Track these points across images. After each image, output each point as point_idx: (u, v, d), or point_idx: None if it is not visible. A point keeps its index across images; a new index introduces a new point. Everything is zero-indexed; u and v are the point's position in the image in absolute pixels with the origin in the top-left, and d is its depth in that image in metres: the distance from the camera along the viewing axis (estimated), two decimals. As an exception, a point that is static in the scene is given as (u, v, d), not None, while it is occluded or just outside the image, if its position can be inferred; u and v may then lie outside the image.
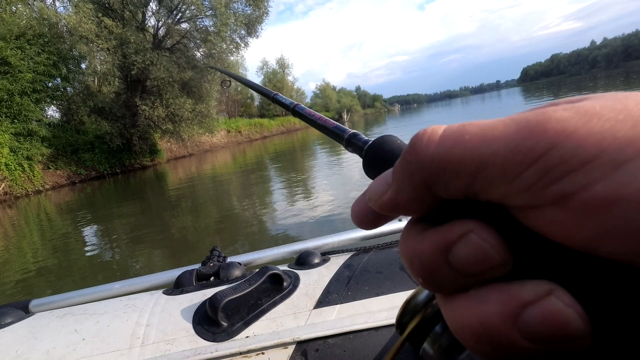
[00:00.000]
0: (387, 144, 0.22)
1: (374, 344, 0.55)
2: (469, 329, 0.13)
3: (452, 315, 0.14)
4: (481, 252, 0.13)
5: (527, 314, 0.12)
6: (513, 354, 0.12)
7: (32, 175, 11.54)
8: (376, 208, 0.17)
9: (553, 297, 0.12)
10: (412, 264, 0.15)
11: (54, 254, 4.64)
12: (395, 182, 0.15)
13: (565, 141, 0.11)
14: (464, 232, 0.13)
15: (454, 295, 0.14)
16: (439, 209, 0.15)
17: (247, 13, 15.65)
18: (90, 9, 13.03)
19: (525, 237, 0.13)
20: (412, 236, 0.15)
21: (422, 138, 0.14)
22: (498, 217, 0.13)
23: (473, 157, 0.13)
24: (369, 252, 0.71)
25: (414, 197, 0.15)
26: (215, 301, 0.56)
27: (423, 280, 0.15)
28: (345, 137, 0.26)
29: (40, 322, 0.62)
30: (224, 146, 22.04)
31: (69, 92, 14.44)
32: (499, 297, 0.12)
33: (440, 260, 0.14)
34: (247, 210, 5.75)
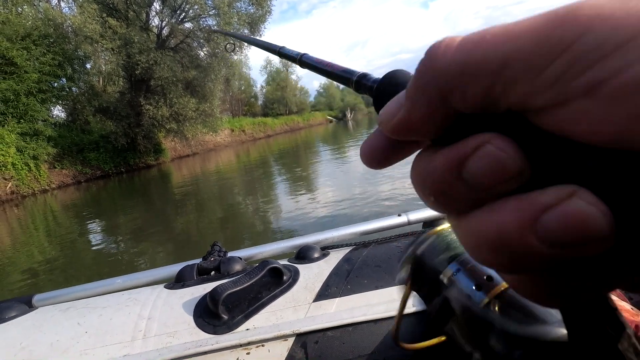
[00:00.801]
0: (398, 77, 0.21)
1: (373, 336, 0.55)
2: (484, 240, 0.12)
3: (465, 232, 0.13)
4: (497, 162, 0.12)
5: (547, 217, 0.11)
6: (531, 263, 0.12)
7: (39, 175, 11.64)
8: (388, 131, 0.16)
9: (575, 198, 0.11)
10: (424, 183, 0.14)
11: (61, 252, 4.68)
12: (408, 98, 0.14)
13: (599, 25, 0.11)
14: (479, 144, 0.13)
15: (468, 213, 0.13)
16: (454, 128, 0.14)
17: (250, 12, 15.67)
18: (94, 10, 13.10)
19: (545, 142, 0.12)
20: (423, 157, 0.15)
21: (438, 46, 0.13)
22: (516, 126, 0.13)
23: (495, 56, 0.12)
24: (368, 246, 0.71)
25: (428, 112, 0.14)
26: (216, 294, 0.57)
27: (435, 200, 0.14)
28: (354, 79, 0.25)
29: (43, 316, 0.63)
30: (228, 145, 22.10)
31: (74, 92, 14.55)
32: (516, 205, 0.12)
33: (453, 176, 0.13)
34: (250, 208, 5.77)
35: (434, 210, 0.15)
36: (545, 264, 0.12)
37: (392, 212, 0.86)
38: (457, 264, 0.32)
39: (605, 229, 0.11)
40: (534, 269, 0.12)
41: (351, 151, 10.86)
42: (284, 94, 38.74)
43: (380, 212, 4.06)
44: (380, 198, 4.71)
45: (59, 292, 0.74)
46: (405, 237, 0.72)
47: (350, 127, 27.73)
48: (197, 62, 14.99)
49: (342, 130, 26.39)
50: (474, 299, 0.30)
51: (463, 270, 0.31)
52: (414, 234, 0.73)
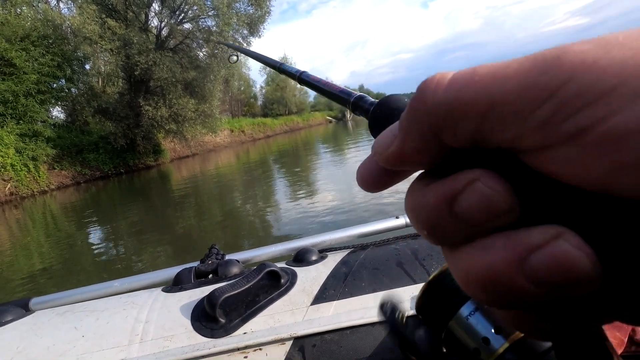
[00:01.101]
0: (392, 103, 0.21)
1: (371, 340, 0.55)
2: (474, 277, 0.13)
3: (457, 266, 0.14)
4: (487, 199, 0.12)
5: (534, 258, 0.11)
6: (520, 300, 0.12)
7: (38, 176, 11.62)
8: (382, 162, 0.16)
9: (561, 240, 0.11)
10: (417, 216, 0.15)
11: (60, 253, 4.68)
12: (401, 131, 0.15)
13: (583, 73, 0.11)
14: (470, 181, 0.13)
15: (459, 246, 0.14)
16: (446, 161, 0.14)
17: (249, 13, 15.65)
18: (93, 10, 13.08)
19: (534, 181, 0.12)
20: (417, 190, 0.15)
21: (430, 84, 0.14)
22: (506, 163, 0.13)
23: (484, 97, 0.12)
24: (366, 249, 0.71)
25: (421, 146, 0.14)
26: (214, 298, 0.57)
27: (428, 233, 0.14)
28: (352, 101, 0.26)
29: (40, 320, 0.63)
30: (228, 146, 22.07)
31: (74, 92, 14.53)
32: (504, 243, 0.12)
33: (445, 211, 0.13)
34: (249, 209, 5.76)
35: (429, 242, 0.15)
36: (533, 302, 0.12)
37: (390, 214, 0.86)
38: (473, 304, 0.30)
39: (591, 272, 0.11)
40: (523, 306, 0.12)
41: (350, 152, 10.86)
42: (283, 94, 38.70)
43: (378, 214, 4.06)
44: (378, 199, 4.71)
45: (56, 295, 0.74)
46: (404, 239, 0.72)
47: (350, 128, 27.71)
48: (197, 63, 14.97)
49: (341, 130, 26.39)
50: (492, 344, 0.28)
51: (481, 311, 0.30)
52: (412, 236, 0.73)
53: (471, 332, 0.30)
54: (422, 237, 0.15)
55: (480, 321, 0.29)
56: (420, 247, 0.67)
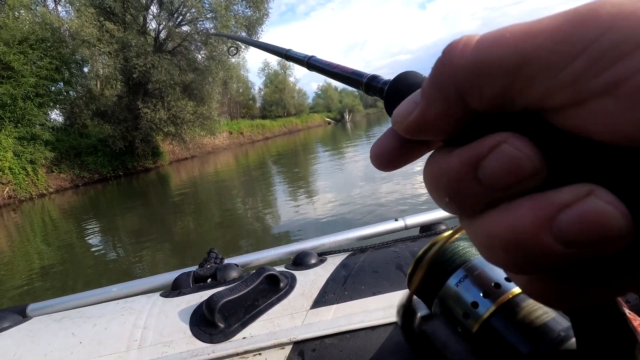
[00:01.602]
0: (409, 78, 0.20)
1: (371, 343, 0.55)
2: (498, 241, 0.12)
3: (478, 232, 0.13)
4: (514, 162, 0.12)
5: (563, 216, 0.11)
6: (545, 262, 0.12)
7: (36, 179, 11.61)
8: (402, 130, 0.15)
9: (593, 197, 0.11)
10: (438, 183, 0.14)
11: (58, 257, 4.66)
12: (424, 97, 0.14)
13: (620, 24, 0.10)
14: (496, 144, 0.12)
15: (481, 213, 0.13)
16: (469, 128, 0.14)
17: (248, 15, 15.69)
18: (92, 13, 13.11)
19: (561, 141, 0.12)
20: (438, 157, 0.15)
21: (456, 45, 0.13)
22: (532, 126, 0.13)
23: (514, 54, 0.12)
24: (365, 251, 0.71)
25: (445, 111, 0.14)
26: (212, 302, 0.56)
27: (449, 200, 0.14)
28: (364, 82, 0.25)
29: (37, 326, 0.62)
30: (226, 148, 22.08)
31: (72, 95, 14.52)
32: (531, 204, 0.12)
33: (469, 175, 0.13)
34: (248, 212, 5.76)
35: (447, 211, 0.15)
36: (559, 264, 0.12)
37: (390, 217, 0.86)
38: (463, 271, 0.31)
39: (623, 228, 0.11)
40: (547, 269, 0.12)
41: (349, 153, 10.87)
42: (282, 96, 38.77)
43: (377, 217, 4.06)
44: (377, 202, 4.71)
45: (54, 301, 0.74)
46: (403, 242, 0.72)
47: (349, 129, 27.77)
48: (195, 65, 15.00)
49: (340, 131, 26.43)
50: (480, 308, 0.29)
51: (470, 278, 0.30)
52: (412, 239, 0.73)
53: (460, 299, 0.30)
54: (441, 206, 0.15)
55: (469, 288, 0.30)
56: (420, 250, 0.66)
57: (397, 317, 0.35)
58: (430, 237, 0.71)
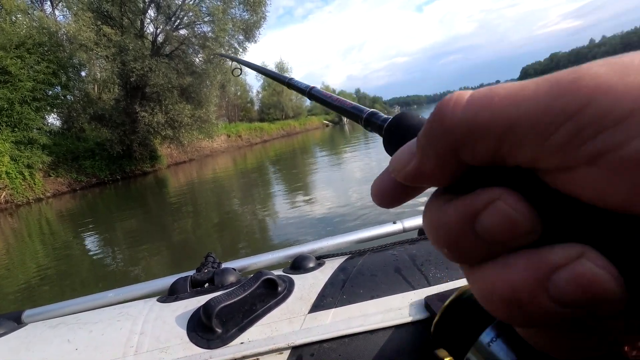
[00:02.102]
0: (407, 120, 0.21)
1: (370, 348, 0.54)
2: (498, 297, 0.13)
3: (479, 284, 0.14)
4: (508, 219, 0.12)
5: (557, 278, 0.11)
6: (543, 319, 0.12)
7: (33, 183, 11.56)
8: (400, 178, 0.16)
9: (584, 260, 0.11)
10: (437, 234, 0.15)
11: (56, 262, 4.64)
12: (420, 150, 0.15)
13: (599, 98, 0.11)
14: (491, 200, 0.13)
15: (481, 264, 0.14)
16: (465, 178, 0.14)
17: (245, 18, 15.71)
18: (89, 18, 13.09)
19: (555, 200, 0.12)
20: (436, 207, 0.15)
21: (448, 104, 0.14)
22: (526, 182, 0.13)
23: (501, 119, 0.12)
24: (363, 255, 0.70)
25: (439, 164, 0.14)
26: (210, 307, 0.56)
27: (448, 251, 0.14)
28: (364, 117, 0.26)
29: (32, 333, 0.62)
30: (225, 151, 22.06)
31: (69, 99, 14.49)
32: (527, 262, 0.12)
33: (466, 229, 0.13)
34: (246, 215, 5.75)
35: (449, 260, 0.15)
36: (557, 321, 0.12)
37: (388, 219, 0.85)
38: (493, 331, 0.28)
39: (615, 292, 0.11)
40: (545, 325, 0.12)
41: (347, 156, 10.87)
42: (280, 98, 38.80)
43: (375, 219, 4.06)
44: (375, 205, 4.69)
45: (50, 307, 0.73)
46: (401, 244, 0.72)
47: (347, 131, 27.80)
48: (192, 69, 15.00)
49: (338, 134, 26.46)
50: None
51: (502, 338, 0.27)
52: (410, 242, 0.73)
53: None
54: (443, 254, 0.15)
55: (503, 349, 0.27)
56: (418, 253, 0.66)
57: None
58: (429, 240, 0.71)
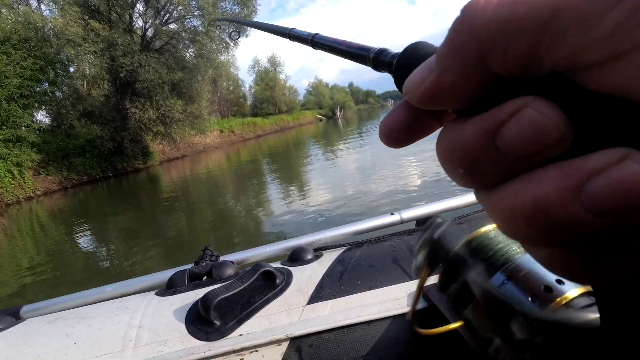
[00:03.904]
0: (421, 49, 0.19)
1: (368, 337, 0.55)
2: (520, 213, 0.11)
3: (497, 205, 0.12)
4: (536, 126, 0.11)
5: (594, 184, 0.10)
6: (572, 234, 0.11)
7: (23, 182, 11.38)
8: (415, 99, 0.14)
9: (629, 161, 0.10)
10: (452, 155, 0.13)
11: (48, 260, 4.59)
12: (440, 61, 0.13)
13: None
14: (517, 109, 0.11)
15: (499, 185, 0.12)
16: (488, 94, 0.13)
17: (236, 12, 15.54)
18: (76, 12, 12.84)
19: (592, 103, 0.11)
20: (452, 127, 0.14)
21: (477, 1, 0.12)
22: (559, 88, 0.11)
23: (543, 8, 0.11)
24: (361, 246, 0.71)
25: (463, 75, 0.13)
26: (208, 300, 0.56)
27: (464, 172, 0.13)
28: (372, 56, 0.23)
29: (31, 328, 0.61)
30: (218, 146, 21.90)
31: (58, 96, 14.23)
32: (557, 172, 0.11)
33: (486, 144, 0.12)
34: (242, 210, 5.73)
35: (462, 185, 0.14)
36: (588, 236, 0.11)
37: (385, 211, 0.86)
38: (504, 275, 0.28)
39: None
40: (574, 241, 0.11)
41: (342, 150, 10.88)
42: (273, 93, 38.53)
43: (372, 210, 4.08)
44: (372, 196, 4.73)
45: (48, 302, 0.73)
46: (399, 236, 0.72)
47: (340, 125, 27.77)
48: (183, 64, 14.82)
49: (332, 128, 26.41)
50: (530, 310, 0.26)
51: (514, 281, 0.28)
52: (408, 232, 0.73)
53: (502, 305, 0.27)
54: (455, 179, 0.14)
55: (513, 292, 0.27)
56: (415, 244, 0.67)
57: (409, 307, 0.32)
58: None
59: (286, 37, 0.44)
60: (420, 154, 6.62)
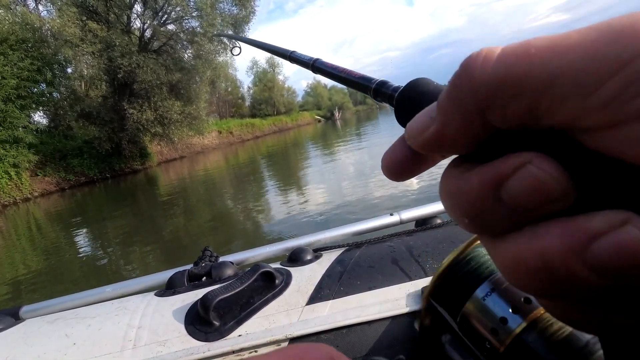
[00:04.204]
0: (422, 86, 0.19)
1: (367, 338, 0.55)
2: (525, 267, 0.12)
3: (502, 254, 0.13)
4: (539, 184, 0.11)
5: (597, 246, 0.10)
6: (576, 290, 0.11)
7: (20, 183, 11.34)
8: (417, 145, 0.15)
9: (630, 227, 0.10)
10: (457, 203, 0.14)
11: (46, 262, 4.57)
12: (441, 112, 0.13)
13: None
14: (520, 164, 0.12)
15: (505, 235, 0.13)
16: (489, 143, 0.13)
17: (234, 13, 15.55)
18: (74, 13, 12.81)
19: (593, 163, 0.11)
20: (455, 175, 0.14)
21: (476, 58, 0.12)
22: (559, 144, 0.12)
23: (541, 73, 0.11)
24: (360, 247, 0.71)
25: (463, 128, 0.13)
26: (207, 301, 0.56)
27: (469, 221, 0.13)
28: (373, 87, 0.24)
29: (30, 328, 0.61)
30: (216, 147, 21.88)
31: (55, 97, 14.19)
32: (562, 230, 0.11)
33: (490, 196, 0.12)
34: (240, 211, 5.73)
35: (467, 230, 0.14)
36: (590, 292, 0.11)
37: (384, 212, 0.86)
38: (489, 285, 0.29)
39: None
40: (576, 296, 0.12)
41: (341, 151, 10.88)
42: (271, 94, 38.53)
43: (372, 211, 4.08)
44: (371, 197, 4.74)
45: (47, 302, 0.73)
46: (398, 236, 0.72)
47: (339, 126, 27.81)
48: (181, 65, 14.81)
49: (330, 129, 26.44)
50: (509, 324, 0.27)
51: (497, 292, 0.29)
52: (407, 233, 0.74)
53: (488, 314, 0.28)
54: (460, 225, 0.14)
55: (497, 302, 0.28)
56: (415, 244, 0.67)
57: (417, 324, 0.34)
58: (426, 232, 0.72)
59: (287, 59, 0.44)
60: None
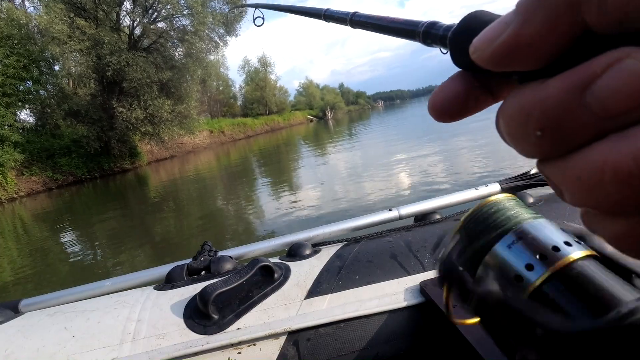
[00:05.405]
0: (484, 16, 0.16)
1: (366, 332, 0.56)
2: (612, 174, 0.10)
3: (578, 168, 0.11)
4: (639, 79, 0.10)
5: None
6: None
7: (5, 182, 11.11)
8: (486, 56, 0.13)
9: None
10: (528, 115, 0.12)
11: (33, 263, 4.48)
12: (522, 11, 0.11)
13: None
14: (614, 60, 0.10)
15: (581, 149, 0.11)
16: (572, 52, 0.11)
17: (225, 12, 15.47)
18: (61, 9, 12.60)
19: None
20: (523, 90, 0.12)
21: None
22: None
23: None
24: (359, 242, 0.71)
25: (549, 26, 0.11)
26: (206, 294, 0.56)
27: (543, 133, 0.11)
28: (422, 30, 0.21)
29: (29, 321, 0.61)
30: (207, 147, 21.72)
31: (42, 95, 13.93)
32: None
33: (574, 102, 0.11)
34: (234, 210, 5.70)
35: (530, 155, 0.12)
36: None
37: (383, 207, 0.86)
38: (514, 235, 0.28)
39: None
40: None
41: (334, 149, 10.91)
42: (263, 93, 38.39)
43: (371, 207, 4.10)
44: (370, 193, 4.76)
45: (47, 296, 0.72)
46: (397, 231, 0.73)
47: (331, 126, 27.84)
48: (172, 63, 14.68)
49: (322, 129, 26.45)
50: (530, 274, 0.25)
51: (523, 241, 0.27)
52: (406, 228, 0.74)
53: (512, 262, 0.27)
54: (524, 147, 0.12)
55: (522, 251, 0.27)
56: (414, 239, 0.68)
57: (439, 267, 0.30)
58: (425, 227, 0.73)
59: (321, 19, 0.41)
60: (414, 152, 6.69)
